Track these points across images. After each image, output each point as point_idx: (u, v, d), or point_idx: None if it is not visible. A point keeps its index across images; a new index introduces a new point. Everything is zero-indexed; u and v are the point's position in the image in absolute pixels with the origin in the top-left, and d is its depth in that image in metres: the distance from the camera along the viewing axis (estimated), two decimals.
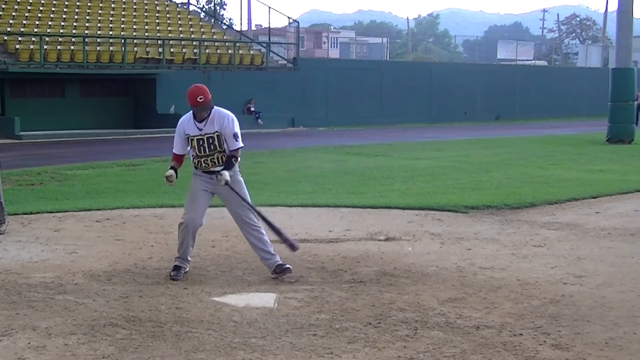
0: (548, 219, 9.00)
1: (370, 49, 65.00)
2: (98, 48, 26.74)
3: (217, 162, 6.10)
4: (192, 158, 6.21)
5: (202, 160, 6.11)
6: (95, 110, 26.39)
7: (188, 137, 6.10)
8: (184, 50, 29.09)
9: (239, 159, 6.21)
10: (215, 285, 6.00)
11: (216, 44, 30.62)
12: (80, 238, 7.72)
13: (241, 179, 6.25)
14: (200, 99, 5.97)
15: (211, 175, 6.12)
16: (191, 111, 6.12)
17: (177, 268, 6.22)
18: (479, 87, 36.91)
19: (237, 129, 6.12)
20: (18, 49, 25.10)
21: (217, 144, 6.05)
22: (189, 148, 6.17)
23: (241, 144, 6.12)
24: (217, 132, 6.03)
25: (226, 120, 6.06)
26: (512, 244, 7.63)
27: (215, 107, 6.10)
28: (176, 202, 10.08)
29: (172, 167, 6.17)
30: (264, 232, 6.24)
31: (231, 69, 29.24)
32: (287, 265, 6.20)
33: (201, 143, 6.05)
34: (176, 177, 6.13)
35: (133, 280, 6.11)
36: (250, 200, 6.25)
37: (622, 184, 12.04)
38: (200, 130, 6.05)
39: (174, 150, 6.24)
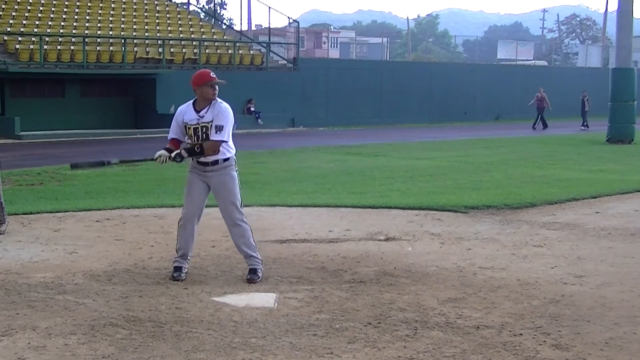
0: (548, 219, 9.00)
1: (370, 49, 65.17)
2: (98, 48, 26.75)
3: None
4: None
5: None
6: (95, 110, 26.42)
7: (186, 126, 6.05)
8: (184, 50, 29.10)
9: (232, 157, 6.07)
10: (215, 285, 5.99)
11: (216, 44, 30.63)
12: (80, 238, 7.72)
13: (235, 174, 6.14)
14: (213, 74, 6.02)
15: (205, 166, 6.08)
16: (190, 101, 6.10)
17: (178, 269, 6.16)
18: (479, 87, 36.90)
19: (226, 123, 6.01)
20: (18, 49, 25.11)
21: (208, 133, 6.00)
22: (186, 138, 6.12)
23: (223, 138, 5.98)
24: (211, 121, 6.00)
25: (222, 110, 6.01)
26: (512, 244, 7.63)
27: (218, 98, 6.08)
28: (176, 202, 10.08)
29: (165, 148, 6.10)
30: (250, 233, 6.20)
31: (231, 69, 29.23)
32: (258, 277, 6.11)
33: (197, 132, 6.02)
34: (170, 158, 6.03)
35: (133, 280, 6.10)
36: (240, 198, 6.16)
37: (622, 184, 12.05)
38: (198, 119, 6.01)
39: (170, 137, 6.19)
